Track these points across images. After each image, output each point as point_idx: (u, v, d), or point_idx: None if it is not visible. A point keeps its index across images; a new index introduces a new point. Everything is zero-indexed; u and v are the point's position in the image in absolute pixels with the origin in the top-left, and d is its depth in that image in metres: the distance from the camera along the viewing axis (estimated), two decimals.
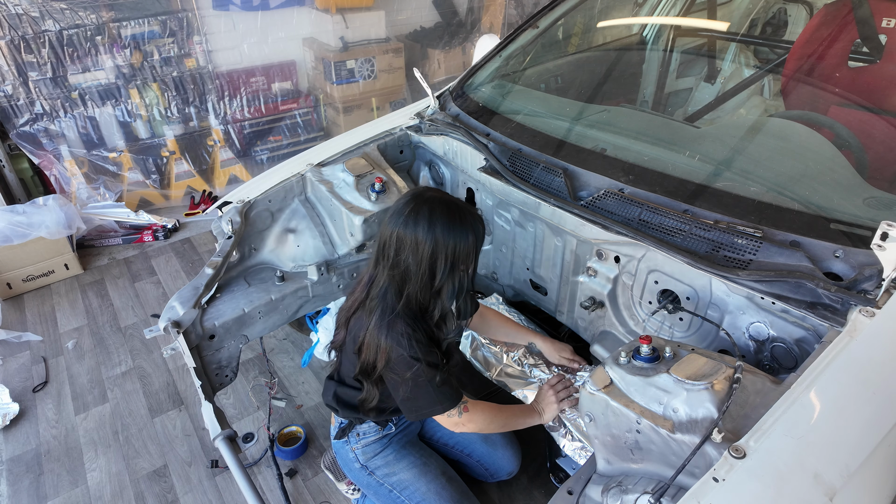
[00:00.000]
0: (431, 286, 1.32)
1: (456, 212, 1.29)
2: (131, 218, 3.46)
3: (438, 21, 4.54)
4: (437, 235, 1.27)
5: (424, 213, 1.27)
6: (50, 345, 2.65)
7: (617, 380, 1.08)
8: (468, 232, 1.29)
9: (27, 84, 3.09)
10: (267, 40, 3.72)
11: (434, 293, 1.33)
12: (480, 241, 1.35)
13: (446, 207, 1.29)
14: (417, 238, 1.27)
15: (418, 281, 1.31)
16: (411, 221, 1.28)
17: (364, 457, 1.58)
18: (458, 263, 1.31)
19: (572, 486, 1.16)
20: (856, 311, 1.10)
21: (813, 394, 0.96)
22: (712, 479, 0.86)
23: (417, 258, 1.29)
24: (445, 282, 1.31)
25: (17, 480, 2.03)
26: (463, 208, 1.32)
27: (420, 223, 1.27)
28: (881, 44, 1.87)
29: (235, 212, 1.86)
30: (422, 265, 1.29)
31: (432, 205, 1.29)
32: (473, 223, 1.31)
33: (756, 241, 1.26)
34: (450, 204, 1.30)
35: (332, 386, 1.55)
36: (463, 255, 1.30)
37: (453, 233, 1.27)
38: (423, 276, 1.30)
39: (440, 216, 1.27)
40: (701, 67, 2.67)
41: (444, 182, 2.17)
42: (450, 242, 1.27)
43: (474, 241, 1.31)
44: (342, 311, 1.47)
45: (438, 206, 1.28)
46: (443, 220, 1.27)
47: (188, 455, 2.11)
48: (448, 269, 1.30)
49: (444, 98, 2.20)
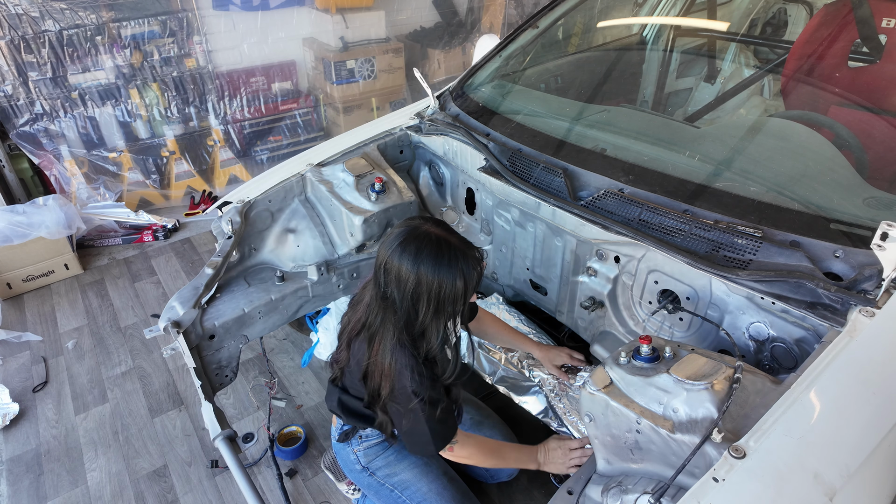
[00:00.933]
0: (415, 325, 1.24)
1: (447, 251, 1.19)
2: (131, 218, 3.46)
3: (438, 21, 4.54)
4: (420, 272, 1.18)
5: (412, 248, 1.19)
6: (50, 345, 2.65)
7: (617, 380, 1.08)
8: (456, 275, 1.19)
9: (27, 84, 3.09)
10: (267, 40, 3.73)
11: (418, 334, 1.26)
12: (470, 286, 1.23)
13: (437, 245, 1.19)
14: (401, 272, 1.20)
15: (403, 316, 1.24)
16: (398, 251, 1.20)
17: (365, 458, 1.58)
18: (443, 307, 1.21)
19: (572, 486, 1.16)
20: (856, 311, 1.10)
21: (813, 394, 0.96)
22: (712, 479, 0.86)
23: (401, 293, 1.21)
24: (429, 325, 1.23)
25: (17, 480, 2.03)
26: (457, 249, 1.21)
27: (406, 256, 1.19)
28: (881, 44, 1.87)
29: (235, 212, 1.86)
30: (405, 301, 1.22)
31: (422, 240, 1.20)
32: (466, 267, 1.20)
33: (756, 241, 1.26)
34: (442, 242, 1.20)
35: (336, 392, 1.51)
36: (449, 300, 1.20)
37: (439, 273, 1.18)
38: (408, 313, 1.23)
39: (428, 253, 1.18)
40: (701, 67, 2.67)
41: (444, 182, 2.17)
42: (434, 283, 1.18)
43: (463, 287, 1.20)
44: (344, 330, 1.42)
45: (428, 243, 1.20)
46: (430, 258, 1.18)
47: (188, 455, 2.11)
48: (431, 312, 1.21)
49: (444, 98, 2.20)
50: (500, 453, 1.50)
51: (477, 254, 1.26)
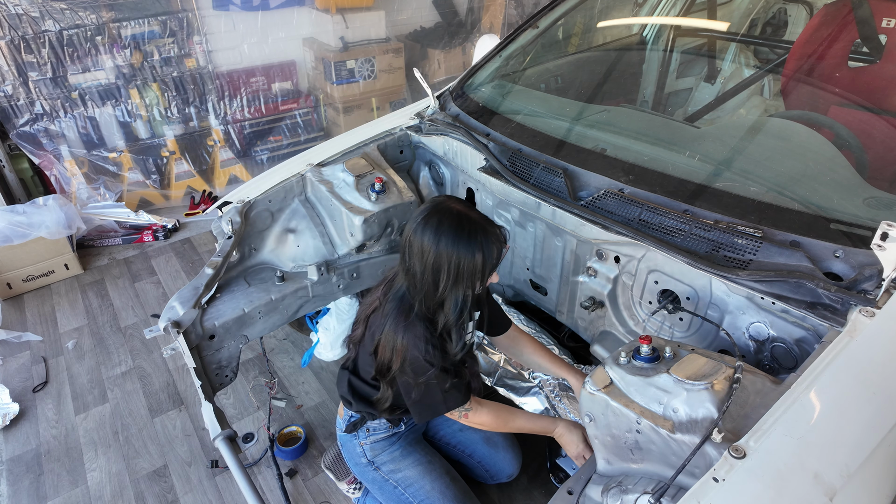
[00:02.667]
0: (434, 297, 1.30)
1: (466, 226, 1.25)
2: (131, 218, 3.46)
3: (438, 21, 4.54)
4: (440, 247, 1.24)
5: (433, 222, 1.26)
6: (50, 345, 2.65)
7: (617, 380, 1.08)
8: (475, 249, 1.25)
9: (27, 84, 3.09)
10: (267, 40, 3.73)
11: (437, 304, 1.32)
12: (489, 262, 1.28)
13: (457, 220, 1.25)
14: (423, 245, 1.26)
15: (423, 288, 1.30)
16: (420, 227, 1.27)
17: (371, 452, 1.60)
18: (462, 280, 1.27)
19: (572, 486, 1.16)
20: (856, 311, 1.10)
21: (813, 394, 0.96)
22: (712, 479, 0.86)
23: (422, 266, 1.27)
24: (448, 295, 1.29)
25: (17, 480, 2.03)
26: (476, 224, 1.27)
27: (427, 231, 1.25)
28: (881, 44, 1.87)
29: (235, 212, 1.86)
30: (426, 274, 1.27)
31: (444, 215, 1.26)
32: (485, 241, 1.26)
33: (756, 241, 1.26)
34: (462, 217, 1.26)
35: (346, 376, 1.55)
36: (467, 273, 1.26)
37: (458, 247, 1.24)
38: (427, 285, 1.29)
39: (448, 228, 1.24)
40: (701, 67, 2.67)
41: (444, 182, 2.17)
42: (453, 256, 1.24)
43: (482, 261, 1.26)
44: (363, 308, 1.48)
45: (449, 218, 1.26)
46: (449, 233, 1.24)
47: (188, 455, 2.11)
48: (451, 283, 1.27)
49: (444, 98, 2.20)
50: (513, 418, 1.49)
51: (498, 231, 1.31)
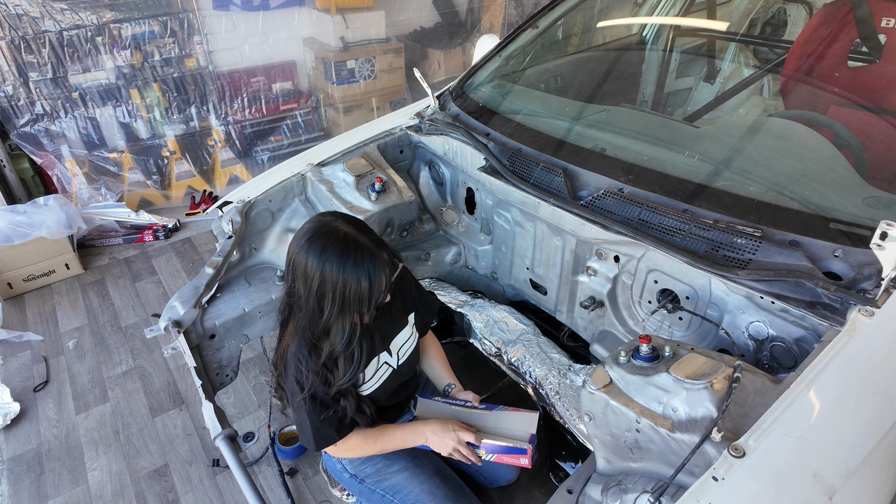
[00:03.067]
0: (319, 323, 1.24)
1: (353, 251, 1.18)
2: (132, 218, 3.46)
3: (438, 21, 4.54)
4: (325, 270, 1.18)
5: (318, 244, 1.19)
6: (51, 344, 2.65)
7: (616, 379, 1.08)
8: (361, 275, 1.18)
9: (28, 84, 3.09)
10: (267, 40, 3.73)
11: (322, 331, 1.26)
12: (377, 289, 1.21)
13: (343, 243, 1.19)
14: (308, 268, 1.19)
15: (307, 313, 1.24)
16: (305, 247, 1.20)
17: (351, 466, 1.56)
18: (348, 306, 1.20)
19: (572, 485, 1.16)
20: (855, 310, 1.10)
21: (812, 393, 0.97)
22: (712, 478, 0.86)
23: (306, 289, 1.21)
24: (334, 322, 1.23)
25: (18, 480, 2.04)
26: (363, 248, 1.20)
27: (312, 253, 1.19)
28: (880, 43, 1.87)
29: (236, 211, 1.86)
30: (310, 298, 1.21)
31: (329, 237, 1.20)
32: (371, 267, 1.19)
33: (755, 240, 1.26)
34: (349, 241, 1.19)
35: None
36: (353, 298, 1.19)
37: (343, 271, 1.17)
38: (312, 310, 1.23)
39: (333, 251, 1.18)
40: (700, 67, 2.68)
41: (444, 182, 2.17)
42: (339, 281, 1.18)
43: (368, 288, 1.19)
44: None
45: (335, 241, 1.19)
46: (335, 256, 1.18)
47: (189, 454, 2.11)
48: (336, 310, 1.21)
49: (444, 98, 2.20)
50: (383, 438, 1.43)
51: (387, 256, 1.24)
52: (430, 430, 1.42)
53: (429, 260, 2.09)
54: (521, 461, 1.38)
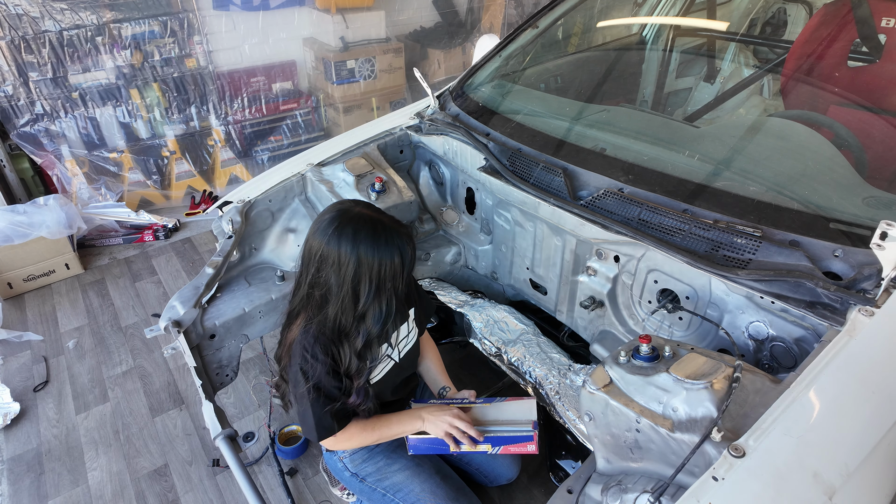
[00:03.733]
0: (355, 309, 1.27)
1: (382, 230, 1.24)
2: (132, 218, 3.46)
3: (438, 21, 4.54)
4: (360, 254, 1.22)
5: (349, 231, 1.23)
6: (51, 344, 2.65)
7: (616, 379, 1.08)
8: (394, 252, 1.24)
9: (28, 84, 3.09)
10: (267, 40, 3.73)
11: (358, 317, 1.28)
12: (407, 263, 1.28)
13: (372, 225, 1.24)
14: (341, 256, 1.22)
15: (339, 302, 1.26)
16: (335, 238, 1.23)
17: (353, 465, 1.56)
18: (384, 285, 1.25)
19: (572, 485, 1.16)
20: (855, 310, 1.10)
21: (812, 393, 0.97)
22: (712, 478, 0.86)
23: (340, 278, 1.24)
24: (370, 305, 1.26)
25: (18, 480, 2.04)
26: (389, 227, 1.26)
27: (344, 240, 1.22)
28: (880, 43, 1.87)
29: (236, 211, 1.86)
30: (344, 286, 1.24)
31: (357, 222, 1.24)
32: (400, 243, 1.26)
33: (755, 240, 1.26)
34: (376, 222, 1.25)
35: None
36: (388, 276, 1.25)
37: (378, 252, 1.22)
38: (346, 298, 1.25)
39: (365, 234, 1.23)
40: (700, 67, 2.68)
41: (444, 181, 2.17)
42: (374, 262, 1.22)
43: (400, 263, 1.25)
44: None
45: (364, 224, 1.24)
46: (368, 239, 1.22)
47: (189, 454, 2.11)
48: (374, 292, 1.25)
49: (444, 98, 2.20)
50: (380, 425, 1.43)
51: (406, 230, 1.30)
52: (425, 412, 1.42)
53: (429, 260, 2.09)
54: (529, 448, 1.37)
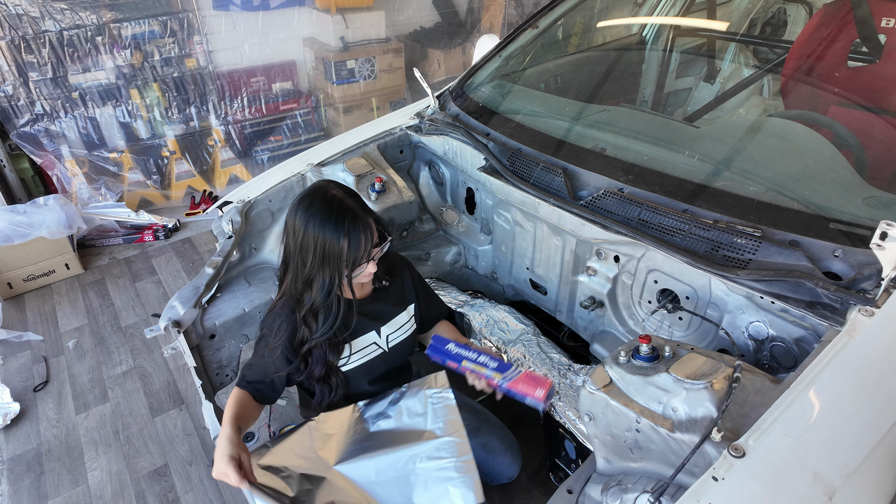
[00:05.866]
0: (302, 275, 1.33)
1: (337, 210, 1.28)
2: (132, 218, 3.46)
3: (438, 21, 4.54)
4: (308, 226, 1.29)
5: (305, 203, 1.30)
6: (51, 344, 2.65)
7: (616, 379, 1.08)
8: (341, 233, 1.27)
9: (28, 84, 3.09)
10: (267, 40, 3.73)
11: (304, 283, 1.34)
12: (354, 250, 1.29)
13: (329, 203, 1.29)
14: (296, 225, 1.31)
15: (294, 267, 1.34)
16: (295, 207, 1.32)
17: None
18: (328, 261, 1.30)
19: (572, 485, 1.16)
20: (855, 310, 1.10)
21: (812, 393, 0.97)
22: (712, 478, 0.86)
23: (294, 244, 1.32)
24: (316, 274, 1.32)
25: (18, 480, 2.03)
26: (347, 210, 1.29)
27: (300, 211, 1.30)
28: (880, 43, 1.87)
29: (236, 211, 1.86)
30: (296, 252, 1.32)
31: (317, 197, 1.31)
32: (353, 228, 1.28)
33: (755, 240, 1.26)
34: (335, 201, 1.29)
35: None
36: (332, 255, 1.29)
37: (324, 229, 1.27)
38: (297, 264, 1.33)
39: (319, 209, 1.28)
40: (700, 67, 2.68)
41: (444, 181, 2.17)
42: (319, 237, 1.28)
43: (347, 246, 1.28)
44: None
45: (321, 200, 1.30)
46: (320, 214, 1.28)
47: (189, 454, 2.11)
48: (318, 263, 1.30)
49: (444, 98, 2.20)
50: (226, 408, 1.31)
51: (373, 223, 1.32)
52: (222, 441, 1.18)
53: (429, 260, 2.09)
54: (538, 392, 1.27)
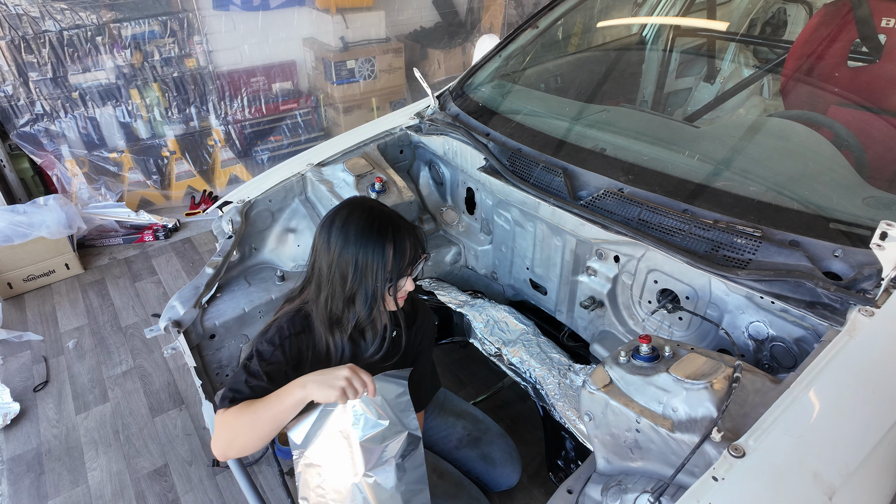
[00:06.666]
0: (343, 293, 1.25)
1: (377, 219, 1.23)
2: (132, 218, 3.46)
3: (438, 21, 4.54)
4: (348, 239, 1.22)
5: (342, 216, 1.25)
6: (51, 344, 2.65)
7: (616, 379, 1.08)
8: (385, 242, 1.22)
9: (27, 84, 3.09)
10: (267, 40, 3.73)
11: (346, 301, 1.27)
12: (399, 256, 1.23)
13: (368, 214, 1.24)
14: (331, 240, 1.24)
15: (329, 286, 1.26)
16: (328, 223, 1.26)
17: None
18: (371, 274, 1.23)
19: (572, 485, 1.16)
20: (855, 310, 1.10)
21: (812, 393, 0.97)
22: (711, 478, 0.86)
23: (329, 261, 1.25)
24: (358, 289, 1.25)
25: (18, 480, 2.03)
26: (387, 219, 1.24)
27: (335, 225, 1.24)
28: (880, 43, 1.87)
29: (236, 211, 1.86)
30: (332, 269, 1.25)
31: (353, 209, 1.26)
32: (396, 237, 1.23)
33: (755, 240, 1.26)
34: (373, 211, 1.25)
35: None
36: (376, 266, 1.22)
37: (367, 239, 1.22)
38: (335, 282, 1.25)
39: (356, 221, 1.23)
40: (700, 67, 2.68)
41: (444, 182, 2.17)
42: (360, 249, 1.22)
43: (392, 253, 1.22)
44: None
45: (358, 211, 1.25)
46: (358, 225, 1.23)
47: (189, 454, 2.11)
48: (359, 277, 1.23)
49: (444, 98, 2.20)
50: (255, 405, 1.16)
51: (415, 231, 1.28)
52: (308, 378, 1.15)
53: (429, 260, 2.09)
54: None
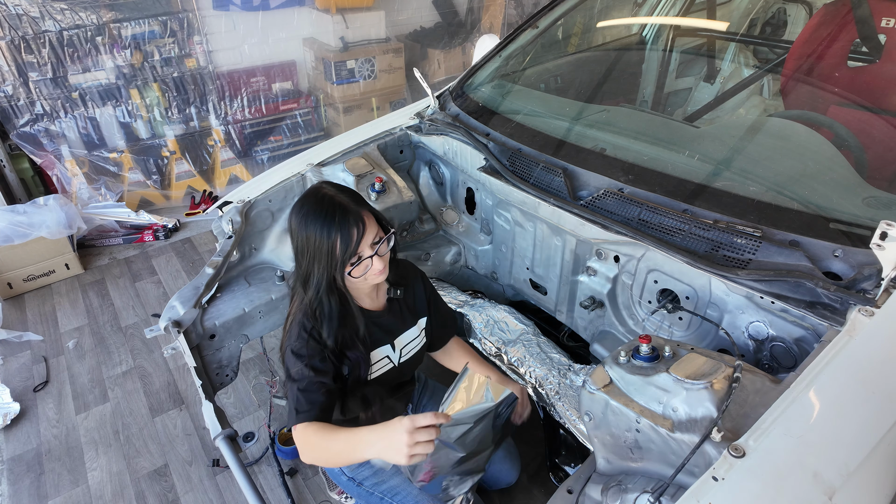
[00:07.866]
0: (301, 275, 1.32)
1: (327, 206, 1.26)
2: (132, 218, 3.46)
3: (438, 21, 4.54)
4: (301, 226, 1.28)
5: (299, 204, 1.30)
6: (51, 344, 2.65)
7: (616, 379, 1.08)
8: (332, 228, 1.24)
9: (27, 84, 3.09)
10: (267, 40, 3.73)
11: (303, 284, 1.32)
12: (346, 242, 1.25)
13: (319, 201, 1.28)
14: (292, 227, 1.31)
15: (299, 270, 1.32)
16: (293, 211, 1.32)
17: (349, 469, 1.56)
18: (320, 258, 1.27)
19: (572, 485, 1.16)
20: (855, 310, 1.10)
21: (812, 393, 0.97)
22: (712, 478, 0.86)
23: (294, 246, 1.32)
24: (311, 272, 1.29)
25: (18, 480, 2.03)
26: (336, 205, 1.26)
27: (295, 210, 1.30)
28: (880, 43, 1.87)
29: (236, 211, 1.86)
30: (296, 254, 1.32)
31: (309, 197, 1.30)
32: (342, 222, 1.24)
33: (755, 240, 1.26)
34: (325, 198, 1.28)
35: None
36: (323, 251, 1.25)
37: (315, 225, 1.25)
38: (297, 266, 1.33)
39: (310, 208, 1.27)
40: (700, 67, 2.68)
41: (444, 182, 2.17)
42: (312, 235, 1.26)
43: (339, 240, 1.24)
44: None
45: (312, 199, 1.29)
46: (311, 212, 1.27)
47: (189, 454, 2.11)
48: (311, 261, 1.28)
49: (444, 98, 2.20)
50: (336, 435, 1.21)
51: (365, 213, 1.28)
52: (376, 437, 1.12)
53: (429, 260, 2.09)
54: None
